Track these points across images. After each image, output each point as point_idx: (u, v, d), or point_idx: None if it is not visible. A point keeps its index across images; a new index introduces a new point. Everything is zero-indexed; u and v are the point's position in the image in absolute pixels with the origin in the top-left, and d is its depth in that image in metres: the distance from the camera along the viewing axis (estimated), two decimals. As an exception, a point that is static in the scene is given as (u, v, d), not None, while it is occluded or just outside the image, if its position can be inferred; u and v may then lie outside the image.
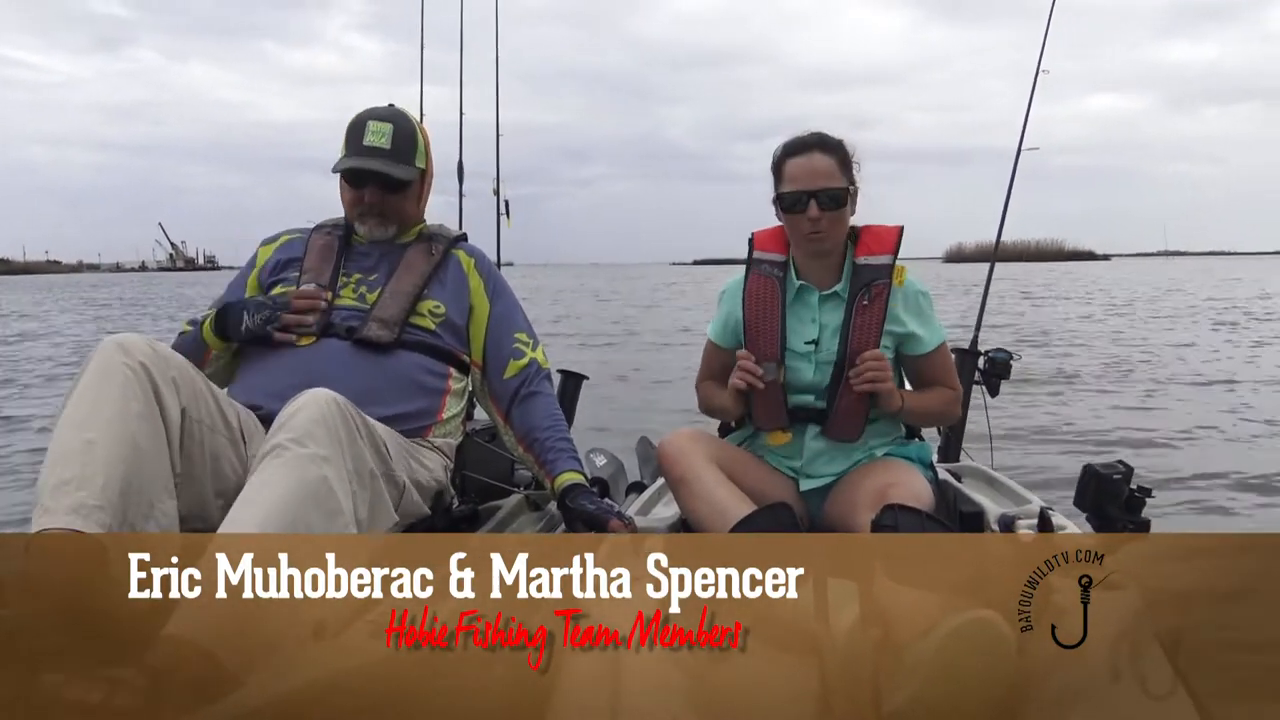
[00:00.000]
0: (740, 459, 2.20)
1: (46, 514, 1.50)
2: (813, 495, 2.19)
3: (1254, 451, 5.66)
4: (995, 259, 3.67)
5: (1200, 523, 3.94)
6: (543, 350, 2.29)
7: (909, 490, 1.97)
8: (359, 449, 1.70)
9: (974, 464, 2.75)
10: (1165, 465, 5.23)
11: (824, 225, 2.08)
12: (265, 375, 2.02)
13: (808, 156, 2.09)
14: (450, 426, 2.15)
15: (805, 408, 2.17)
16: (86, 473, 1.53)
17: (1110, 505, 1.59)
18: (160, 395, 1.66)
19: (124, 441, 1.58)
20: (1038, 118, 3.54)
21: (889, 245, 2.16)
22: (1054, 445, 5.82)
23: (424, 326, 2.13)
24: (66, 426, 1.59)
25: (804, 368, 2.15)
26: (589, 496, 2.05)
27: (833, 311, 2.16)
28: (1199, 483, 4.84)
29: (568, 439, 2.20)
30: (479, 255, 2.30)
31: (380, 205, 2.18)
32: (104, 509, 1.51)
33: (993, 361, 3.18)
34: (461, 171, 3.71)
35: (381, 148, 2.16)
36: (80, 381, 1.64)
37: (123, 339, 1.68)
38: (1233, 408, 7.18)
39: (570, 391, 2.98)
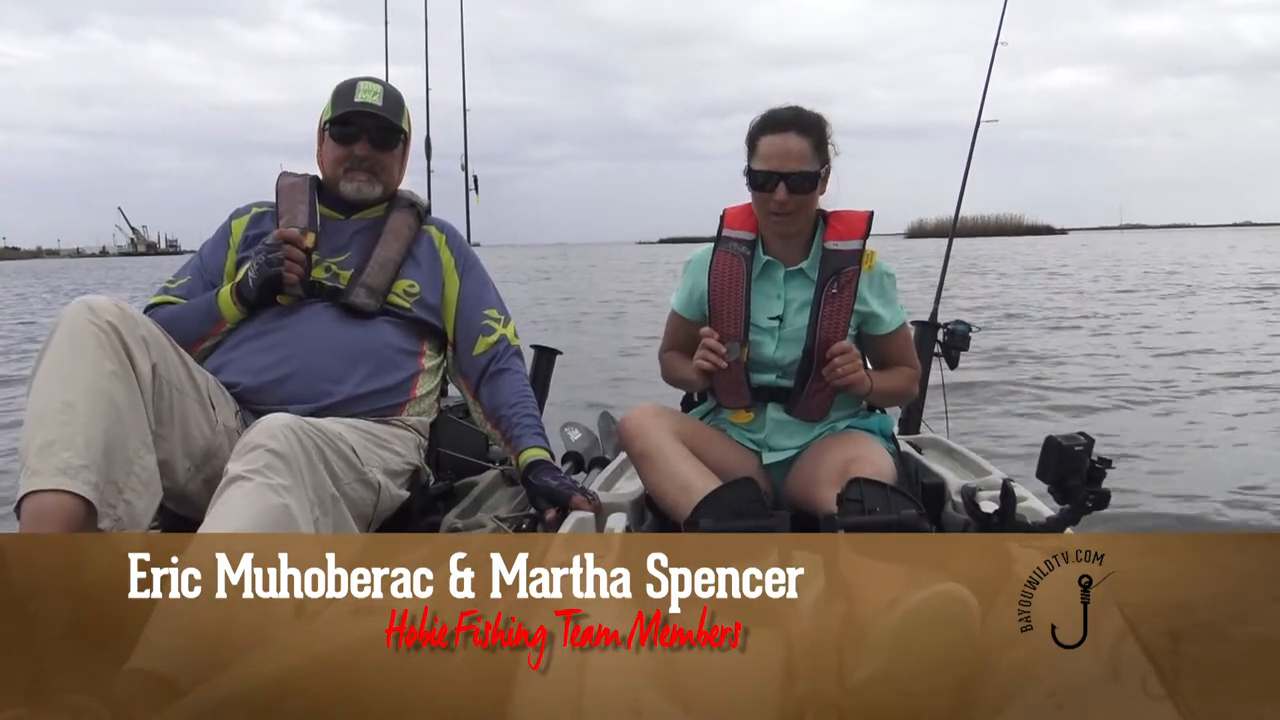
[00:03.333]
0: (703, 433, 2.17)
1: (35, 475, 1.50)
2: (776, 469, 2.17)
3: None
4: (954, 234, 3.67)
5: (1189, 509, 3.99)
6: (513, 327, 2.26)
7: (872, 464, 1.95)
8: (319, 475, 1.68)
9: (933, 435, 2.75)
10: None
11: (791, 207, 2.06)
12: (250, 344, 1.99)
13: (783, 136, 2.04)
14: (424, 405, 2.11)
15: (768, 387, 2.15)
16: (68, 433, 1.53)
17: (1072, 477, 1.58)
18: (131, 354, 1.65)
19: (101, 400, 1.58)
20: (998, 93, 3.54)
21: (858, 231, 2.13)
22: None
23: (399, 305, 2.09)
24: (42, 388, 1.58)
25: (767, 342, 2.13)
26: (552, 472, 2.03)
27: (799, 289, 2.14)
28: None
29: (534, 415, 2.16)
30: (450, 231, 2.27)
31: (370, 160, 2.15)
32: (89, 468, 1.52)
33: (952, 334, 3.18)
34: (429, 146, 3.64)
35: (374, 104, 2.13)
36: (51, 343, 1.62)
37: (90, 300, 1.66)
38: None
39: (544, 367, 2.95)
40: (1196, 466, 4.61)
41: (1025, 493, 1.85)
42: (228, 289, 2.05)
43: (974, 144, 3.53)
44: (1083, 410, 6.02)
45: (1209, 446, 5.05)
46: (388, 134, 2.16)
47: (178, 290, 2.13)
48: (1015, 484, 1.78)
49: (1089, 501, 1.61)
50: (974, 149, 3.54)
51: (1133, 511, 3.77)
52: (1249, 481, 4.26)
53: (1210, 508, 3.94)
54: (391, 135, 2.16)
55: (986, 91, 3.52)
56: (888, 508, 1.74)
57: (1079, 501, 1.61)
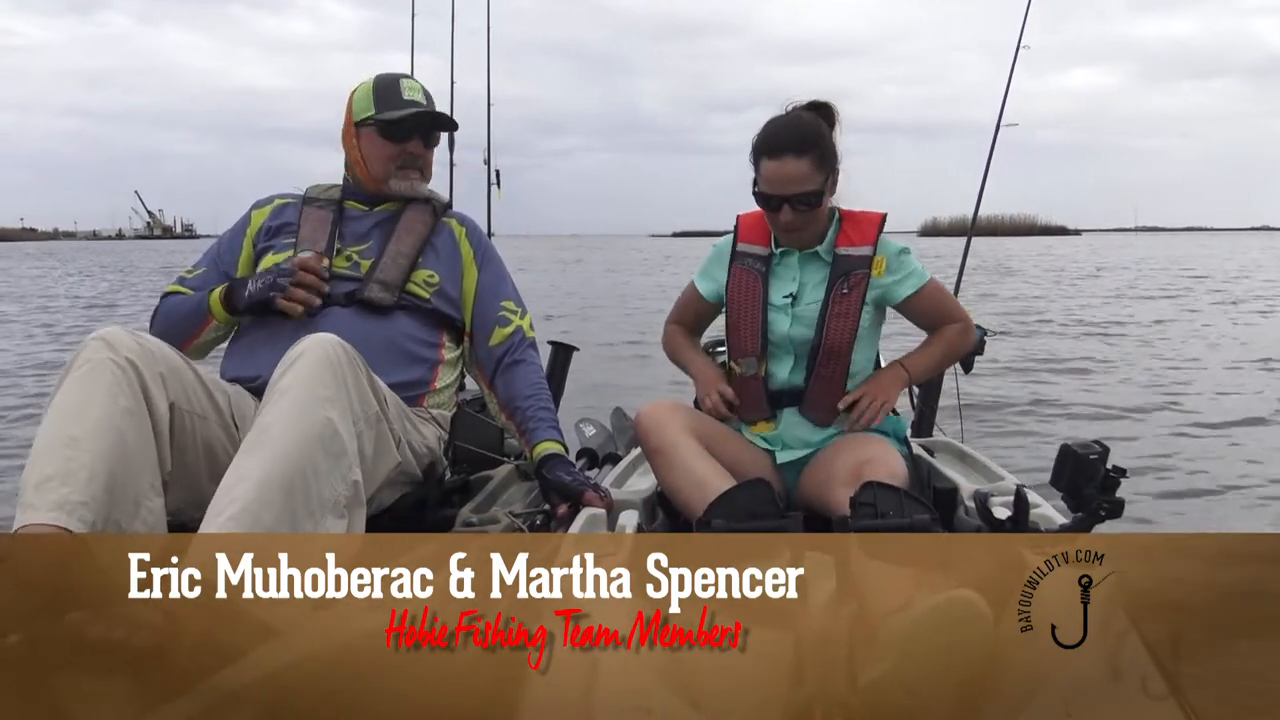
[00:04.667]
0: (717, 431, 2.17)
1: (30, 510, 1.45)
2: (789, 469, 2.16)
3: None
4: (972, 233, 3.66)
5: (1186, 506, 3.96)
6: (530, 319, 2.26)
7: (885, 467, 1.94)
8: (364, 390, 1.68)
9: (947, 439, 2.73)
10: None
11: (798, 224, 2.08)
12: (263, 345, 1.98)
13: (779, 162, 2.05)
14: (444, 396, 2.11)
15: (786, 390, 2.16)
16: (70, 468, 1.48)
17: (1086, 485, 1.57)
18: (148, 392, 1.61)
19: (110, 438, 1.53)
20: (1014, 91, 3.50)
21: (870, 237, 2.14)
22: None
23: (418, 295, 2.10)
24: (51, 423, 1.54)
25: (781, 319, 2.14)
26: (566, 467, 2.02)
27: (814, 270, 2.15)
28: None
29: (549, 408, 2.16)
30: (470, 224, 2.27)
31: (422, 158, 2.18)
32: (88, 505, 1.47)
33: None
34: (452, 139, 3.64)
35: (421, 102, 2.16)
36: (66, 378, 1.58)
37: (108, 334, 1.62)
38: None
39: (560, 363, 2.94)
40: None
41: (1039, 500, 1.84)
42: (218, 291, 2.06)
43: (993, 148, 3.51)
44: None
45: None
46: (434, 131, 2.20)
47: (193, 281, 2.15)
48: (1029, 490, 1.78)
49: (1102, 510, 1.60)
50: (993, 152, 3.52)
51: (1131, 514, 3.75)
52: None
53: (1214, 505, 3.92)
54: (436, 133, 2.21)
55: (1007, 95, 3.50)
56: (901, 512, 1.73)
57: (1092, 510, 1.60)
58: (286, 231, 2.15)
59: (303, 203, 2.20)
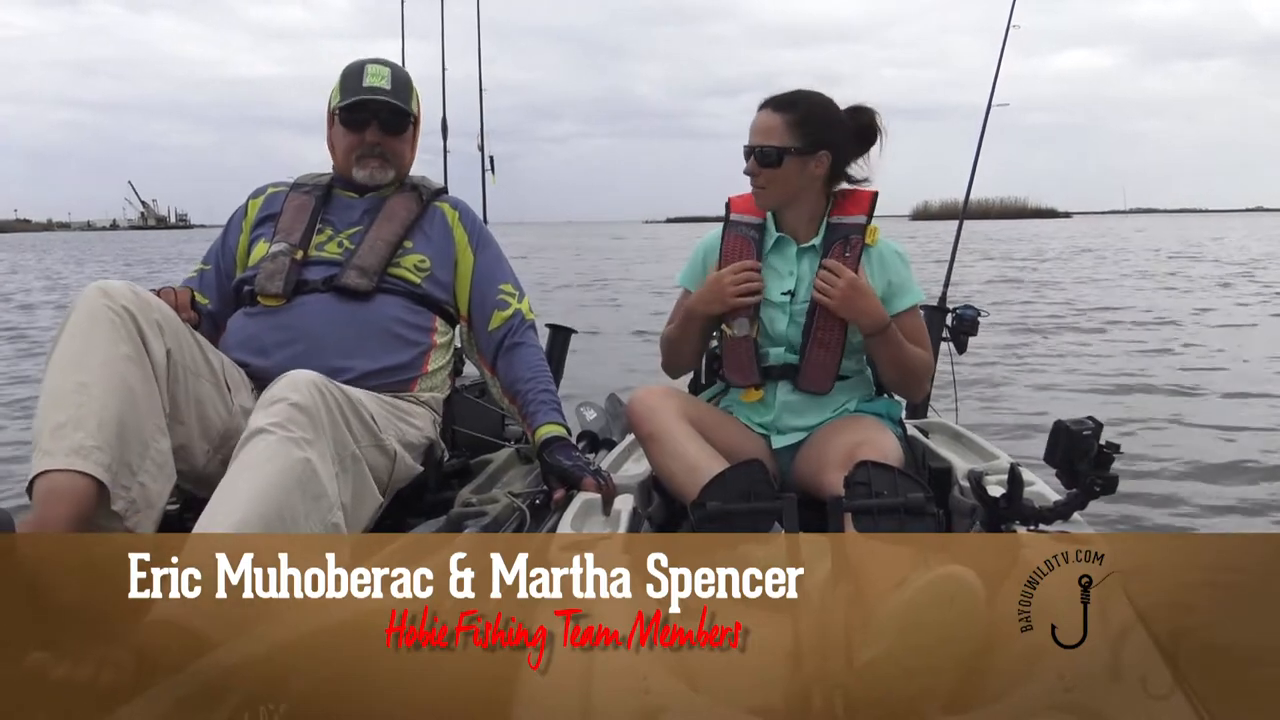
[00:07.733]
0: (711, 416, 2.14)
1: (46, 456, 1.49)
2: (784, 453, 2.15)
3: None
4: (964, 216, 3.64)
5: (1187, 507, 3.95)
6: (528, 301, 2.23)
7: (879, 448, 1.92)
8: (340, 432, 1.66)
9: (941, 420, 2.72)
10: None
11: (762, 182, 2.07)
12: (247, 335, 1.98)
13: (762, 113, 2.08)
14: (436, 380, 2.09)
15: (777, 365, 2.13)
16: (81, 414, 1.52)
17: (1080, 461, 1.56)
18: (146, 338, 1.63)
19: (116, 383, 1.56)
20: (1008, 74, 3.47)
21: (863, 207, 2.13)
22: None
23: (407, 279, 2.07)
24: (57, 371, 1.57)
25: (779, 318, 2.11)
26: (566, 451, 2.00)
27: (811, 265, 2.11)
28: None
29: (550, 390, 2.14)
30: (463, 208, 2.24)
31: (381, 145, 2.12)
32: (101, 449, 1.50)
33: (960, 318, 3.14)
34: (445, 126, 3.61)
35: (383, 88, 2.11)
36: (66, 326, 1.61)
37: (105, 284, 1.65)
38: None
39: (559, 345, 2.93)
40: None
41: (1033, 477, 1.83)
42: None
43: (984, 128, 3.48)
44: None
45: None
46: (397, 118, 2.13)
47: (197, 282, 2.14)
48: (1023, 468, 1.77)
49: (1096, 486, 1.59)
50: (984, 133, 3.50)
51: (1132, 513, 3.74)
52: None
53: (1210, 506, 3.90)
54: (401, 119, 2.14)
55: (998, 75, 3.47)
56: (895, 491, 1.72)
57: (1086, 486, 1.59)
58: (270, 221, 2.13)
59: (289, 190, 2.18)
